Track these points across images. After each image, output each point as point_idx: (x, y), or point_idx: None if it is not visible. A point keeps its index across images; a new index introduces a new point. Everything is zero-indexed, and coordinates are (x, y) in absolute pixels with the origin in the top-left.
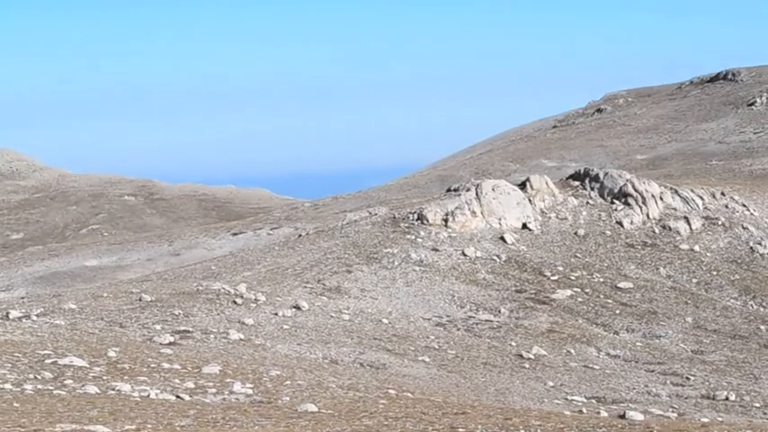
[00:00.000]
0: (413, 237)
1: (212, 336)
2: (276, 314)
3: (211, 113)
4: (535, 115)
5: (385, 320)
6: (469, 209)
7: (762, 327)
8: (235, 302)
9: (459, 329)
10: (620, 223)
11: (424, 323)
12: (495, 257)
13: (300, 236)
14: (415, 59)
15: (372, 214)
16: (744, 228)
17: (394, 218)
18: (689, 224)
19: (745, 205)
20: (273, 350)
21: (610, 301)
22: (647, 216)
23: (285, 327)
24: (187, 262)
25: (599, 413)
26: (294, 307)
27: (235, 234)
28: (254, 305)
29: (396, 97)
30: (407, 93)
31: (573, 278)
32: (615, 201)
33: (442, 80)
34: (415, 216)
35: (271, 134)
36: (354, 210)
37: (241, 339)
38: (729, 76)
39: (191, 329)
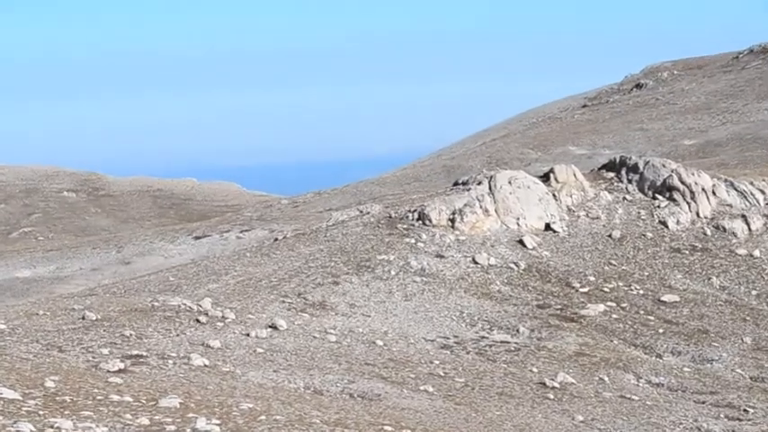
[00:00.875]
0: (413, 240)
1: (171, 361)
2: (248, 335)
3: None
4: (561, 93)
5: (379, 342)
6: (481, 206)
7: None
8: (198, 321)
9: (468, 353)
10: (663, 223)
11: (426, 345)
12: (512, 265)
13: (277, 240)
14: (414, 21)
15: (363, 213)
16: None
17: (390, 218)
18: (747, 224)
19: None
20: (245, 378)
21: (651, 317)
22: (697, 214)
23: (259, 350)
24: (140, 272)
25: None
26: (270, 326)
27: (197, 238)
28: (222, 324)
29: (391, 71)
30: (405, 66)
31: (607, 290)
32: (658, 196)
33: (448, 50)
34: (416, 215)
35: (239, 115)
36: (342, 208)
37: (206, 365)
38: None
39: (145, 354)
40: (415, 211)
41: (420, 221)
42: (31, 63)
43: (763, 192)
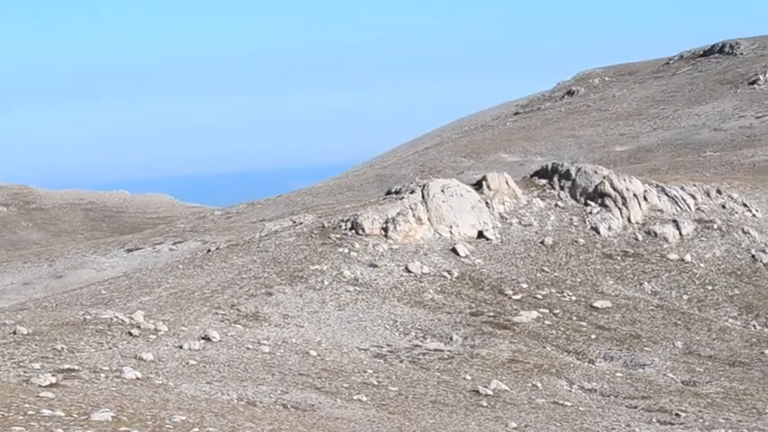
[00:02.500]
0: (346, 250)
1: (103, 375)
2: (181, 347)
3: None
4: (493, 100)
5: (313, 352)
6: (414, 215)
7: (766, 351)
8: (130, 334)
9: (402, 361)
10: (595, 229)
11: (360, 354)
12: (445, 273)
13: (210, 251)
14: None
15: (296, 224)
16: (744, 232)
17: (323, 227)
18: (678, 229)
19: (746, 205)
20: (178, 391)
21: (584, 323)
22: (629, 220)
23: (192, 362)
24: (72, 286)
25: None
26: (203, 338)
27: (130, 250)
28: (154, 337)
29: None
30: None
31: (539, 297)
32: (590, 202)
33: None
34: (349, 225)
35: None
36: (274, 218)
37: (138, 378)
38: (727, 49)
39: (77, 368)
40: (348, 220)
41: (353, 231)
42: None
43: (693, 197)
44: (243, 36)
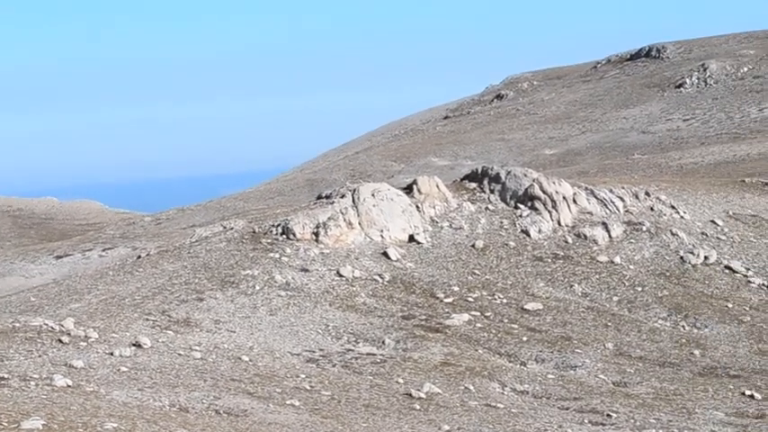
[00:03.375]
0: (277, 255)
1: (33, 383)
2: (111, 354)
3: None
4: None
5: (245, 357)
6: (345, 219)
7: (695, 351)
8: (60, 341)
9: (334, 366)
10: (525, 232)
11: (292, 359)
12: (376, 277)
13: (140, 257)
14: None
15: (227, 229)
16: (673, 234)
17: (254, 232)
18: (608, 231)
19: (674, 207)
20: (109, 398)
21: (515, 326)
22: (559, 223)
23: (123, 369)
24: (0, 293)
25: None
26: (134, 344)
27: (59, 257)
28: (85, 344)
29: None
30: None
31: (471, 300)
32: (520, 205)
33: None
34: (280, 230)
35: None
36: (205, 224)
37: (69, 386)
38: (653, 53)
39: (6, 376)
40: (278, 225)
41: (284, 236)
42: None
43: (622, 199)
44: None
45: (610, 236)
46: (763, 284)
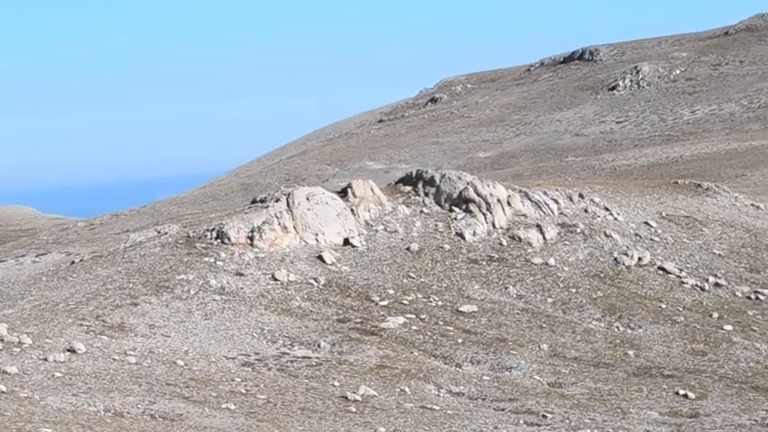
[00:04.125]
0: (212, 259)
1: None
2: (46, 359)
3: None
4: (357, 108)
5: (180, 362)
6: (279, 223)
7: (629, 352)
8: None
9: (270, 369)
10: (460, 235)
11: (227, 363)
12: (312, 281)
13: (74, 263)
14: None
15: (161, 234)
16: (606, 235)
17: (188, 237)
18: (542, 233)
19: (607, 209)
20: (43, 404)
21: (450, 328)
22: (493, 225)
23: (57, 374)
24: None
25: None
26: (68, 350)
27: None
28: (18, 350)
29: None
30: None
31: (406, 302)
32: (454, 208)
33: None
34: (214, 234)
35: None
36: (139, 229)
37: (2, 392)
38: (587, 56)
39: None
40: (213, 230)
41: (219, 240)
42: None
43: (556, 201)
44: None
45: (544, 238)
46: (696, 285)
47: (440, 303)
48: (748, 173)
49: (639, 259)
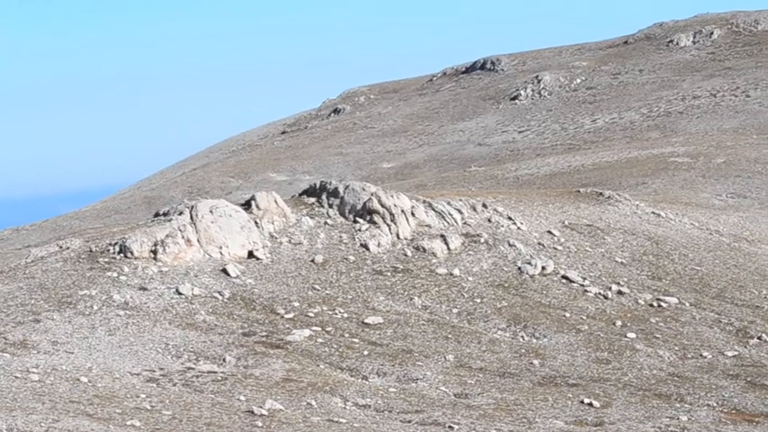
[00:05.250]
0: (115, 274)
1: None
2: None
3: None
4: (259, 120)
5: (84, 379)
6: (183, 237)
7: (535, 361)
8: None
9: (175, 384)
10: (365, 246)
11: (132, 379)
12: (216, 294)
13: None
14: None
15: (63, 248)
16: (510, 245)
17: (90, 252)
18: (446, 243)
19: (511, 218)
20: None
21: (356, 340)
22: (398, 236)
23: None
24: None
25: None
26: None
27: None
28: None
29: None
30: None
31: (311, 315)
32: (359, 219)
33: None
34: (117, 248)
35: None
36: (41, 244)
37: None
38: (488, 66)
39: None
40: (116, 244)
41: (122, 254)
42: None
43: (460, 211)
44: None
45: (448, 248)
46: (600, 293)
47: (345, 315)
48: (649, 181)
49: (543, 268)
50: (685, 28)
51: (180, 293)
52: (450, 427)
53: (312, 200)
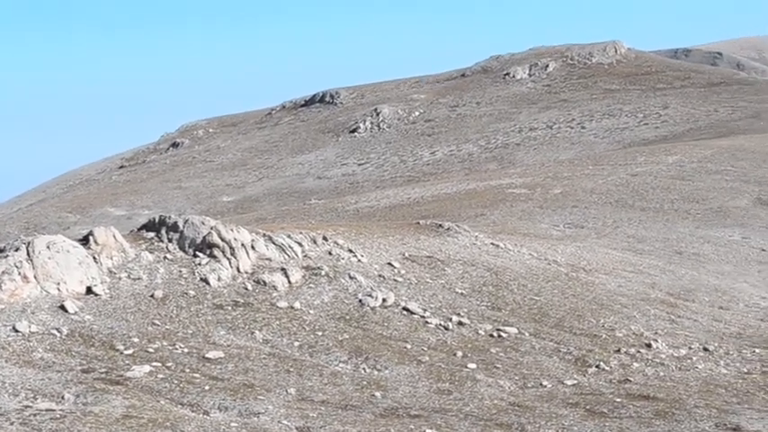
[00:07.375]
0: None
1: None
2: None
3: None
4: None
5: None
6: (20, 273)
7: (377, 393)
8: None
9: (12, 423)
10: (205, 280)
11: None
12: (54, 331)
13: None
14: None
15: None
16: (351, 277)
17: None
18: (287, 277)
19: (351, 251)
20: None
21: (197, 375)
22: (238, 270)
23: None
24: None
25: None
26: None
27: None
28: None
29: None
30: None
31: (151, 350)
32: (199, 253)
33: None
34: None
35: None
36: None
37: None
38: (327, 99)
39: None
40: None
41: None
42: None
43: (300, 244)
44: None
45: (289, 281)
46: (440, 325)
47: (186, 350)
48: (487, 212)
49: (384, 300)
50: (521, 61)
51: (17, 331)
52: None
53: (151, 234)
